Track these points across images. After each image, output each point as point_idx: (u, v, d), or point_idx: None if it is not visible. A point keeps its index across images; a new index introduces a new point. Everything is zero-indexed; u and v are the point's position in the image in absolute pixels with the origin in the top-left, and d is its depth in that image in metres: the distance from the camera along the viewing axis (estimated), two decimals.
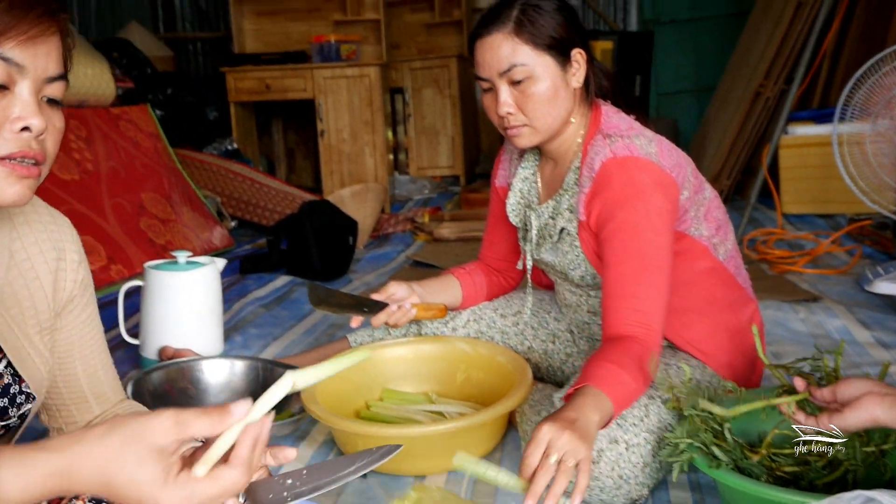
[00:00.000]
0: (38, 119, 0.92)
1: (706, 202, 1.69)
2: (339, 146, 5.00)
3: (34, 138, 0.93)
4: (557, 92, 1.61)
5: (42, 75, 0.93)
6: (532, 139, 1.65)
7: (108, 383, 1.22)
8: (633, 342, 1.48)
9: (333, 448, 1.78)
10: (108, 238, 2.93)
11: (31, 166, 0.93)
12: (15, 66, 0.90)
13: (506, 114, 1.62)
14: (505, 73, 1.60)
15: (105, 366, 1.22)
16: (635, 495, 1.46)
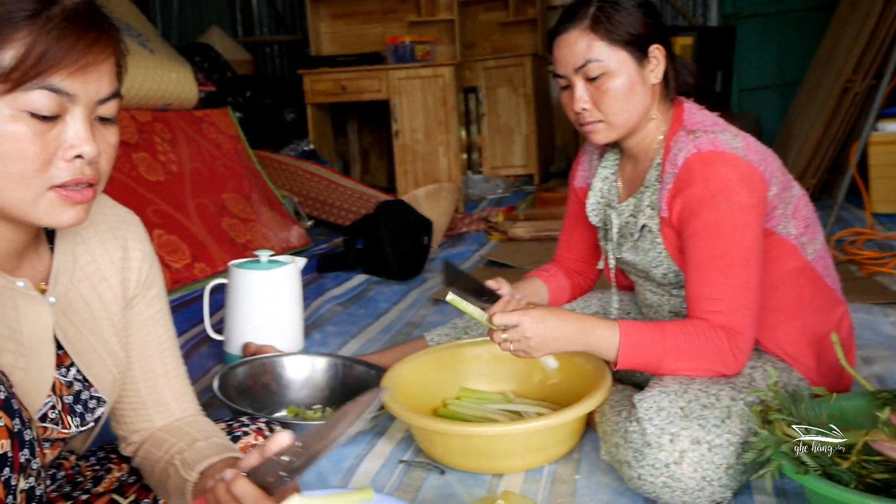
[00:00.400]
0: (91, 146, 0.92)
1: (794, 199, 1.65)
2: (413, 146, 5.03)
3: (87, 164, 0.93)
4: (633, 88, 1.60)
5: (94, 98, 0.93)
6: (608, 135, 1.65)
7: (170, 392, 1.19)
8: (710, 327, 1.51)
9: (412, 445, 1.80)
10: (192, 237, 3.01)
11: (84, 190, 0.94)
12: (66, 95, 0.90)
13: (581, 110, 1.62)
14: (580, 68, 1.60)
15: (167, 373, 1.20)
16: (718, 497, 1.44)
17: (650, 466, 1.43)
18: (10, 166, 0.89)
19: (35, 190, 0.91)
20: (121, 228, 1.15)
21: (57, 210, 0.93)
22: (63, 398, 1.07)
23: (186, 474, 1.06)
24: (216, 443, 1.13)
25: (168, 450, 1.13)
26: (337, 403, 1.95)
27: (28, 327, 1.00)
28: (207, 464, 1.06)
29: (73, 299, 1.08)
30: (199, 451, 1.10)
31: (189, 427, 1.17)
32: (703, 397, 1.46)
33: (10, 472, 0.82)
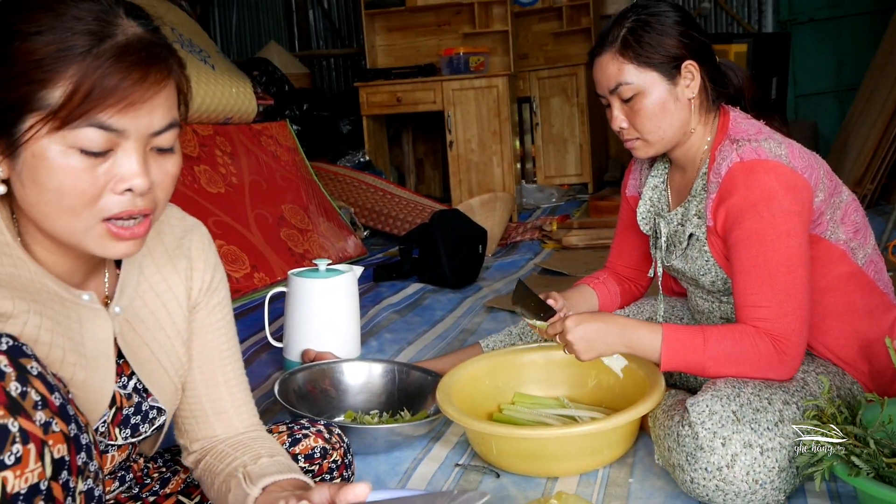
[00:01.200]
0: (142, 179, 0.92)
1: (843, 205, 1.65)
2: (468, 156, 5.07)
3: (139, 196, 0.93)
4: (665, 106, 1.64)
5: (145, 133, 0.92)
6: (647, 151, 1.70)
7: (230, 401, 1.20)
8: (757, 334, 1.53)
9: (467, 449, 1.83)
10: (251, 247, 3.10)
11: (137, 225, 0.95)
12: (115, 132, 0.90)
13: (619, 129, 1.69)
14: (613, 91, 1.66)
15: (228, 381, 1.20)
16: (771, 500, 1.44)
17: (702, 470, 1.44)
18: (62, 200, 0.90)
19: (86, 222, 0.92)
20: (186, 238, 1.17)
21: (107, 243, 0.94)
22: (122, 410, 1.10)
23: (248, 489, 1.05)
24: (281, 462, 1.12)
25: (230, 463, 1.14)
26: (394, 409, 1.99)
27: (90, 340, 1.03)
28: (271, 480, 1.05)
29: (139, 309, 1.11)
30: (263, 467, 1.09)
31: (253, 443, 1.18)
32: (756, 401, 1.47)
33: (69, 475, 0.85)
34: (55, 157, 0.89)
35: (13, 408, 0.81)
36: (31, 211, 0.93)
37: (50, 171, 0.89)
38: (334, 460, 1.39)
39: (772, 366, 1.53)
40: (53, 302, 0.98)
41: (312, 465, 1.37)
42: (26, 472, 0.81)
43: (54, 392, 0.86)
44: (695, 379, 1.91)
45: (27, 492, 0.81)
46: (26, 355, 0.85)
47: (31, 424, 0.82)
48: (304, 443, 1.37)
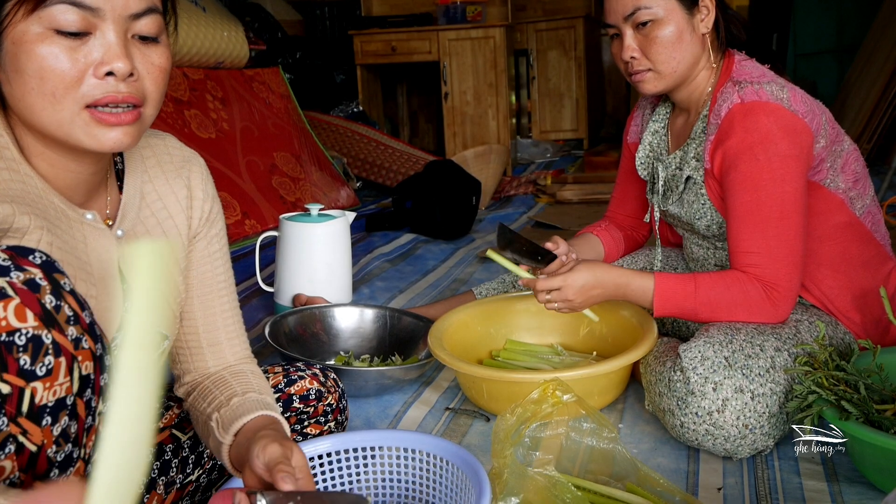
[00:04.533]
0: (123, 62, 0.90)
1: (843, 154, 1.63)
2: (463, 108, 5.02)
3: (122, 81, 0.91)
4: (682, 36, 1.60)
5: (122, 13, 0.90)
6: (657, 84, 1.65)
7: (224, 331, 1.20)
8: (748, 279, 1.53)
9: (458, 393, 1.83)
10: (242, 194, 3.07)
11: (124, 113, 0.92)
12: (89, 10, 0.88)
13: (630, 58, 1.63)
14: (629, 16, 1.60)
15: (224, 311, 1.20)
16: (760, 446, 1.45)
17: (693, 414, 1.44)
18: (42, 85, 0.89)
19: (69, 109, 0.90)
20: (185, 168, 1.16)
21: (94, 131, 0.92)
22: None
23: (221, 437, 1.06)
24: (252, 399, 1.12)
25: (211, 402, 1.13)
26: (385, 354, 1.99)
27: (96, 260, 1.02)
28: (240, 425, 1.06)
29: (140, 234, 1.10)
30: (234, 409, 1.10)
31: (233, 378, 1.17)
32: (748, 347, 1.46)
33: (92, 394, 0.85)
34: (33, 41, 0.88)
35: (48, 320, 0.80)
36: (19, 106, 0.92)
37: (29, 56, 0.88)
38: (329, 404, 1.39)
39: (763, 311, 1.53)
40: (60, 219, 0.97)
41: (308, 406, 1.36)
42: (55, 384, 0.80)
43: (85, 309, 0.85)
44: (686, 328, 1.90)
45: (54, 405, 0.80)
46: (59, 270, 0.84)
47: (64, 338, 0.81)
48: (299, 384, 1.37)
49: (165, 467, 1.23)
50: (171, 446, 1.25)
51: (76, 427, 0.83)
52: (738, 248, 1.55)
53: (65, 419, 0.81)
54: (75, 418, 0.82)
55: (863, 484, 1.39)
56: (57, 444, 0.82)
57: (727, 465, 1.48)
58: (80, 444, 0.84)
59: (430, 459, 1.29)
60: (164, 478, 1.22)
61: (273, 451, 0.93)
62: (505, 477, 1.21)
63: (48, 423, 0.80)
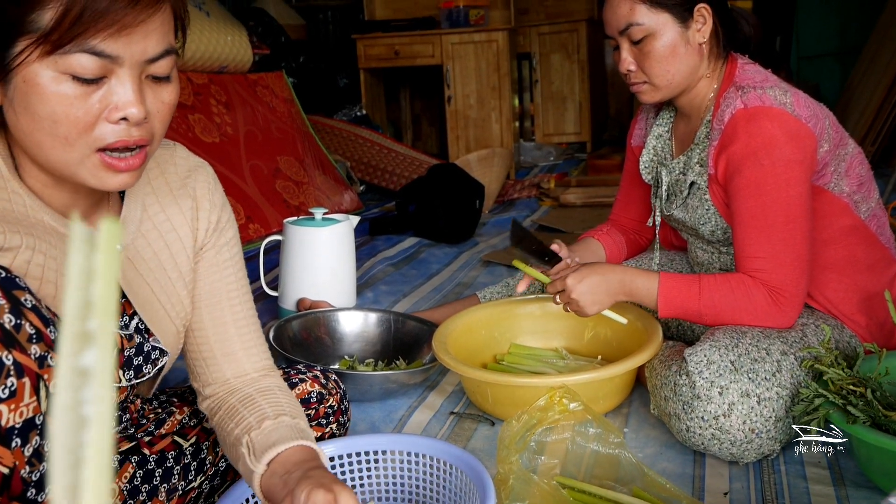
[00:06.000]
0: (137, 108, 0.88)
1: (848, 157, 1.63)
2: (466, 112, 5.02)
3: (135, 126, 0.90)
4: (676, 49, 1.60)
5: (140, 59, 0.89)
6: (654, 96, 1.66)
7: (239, 342, 1.17)
8: (754, 284, 1.53)
9: (462, 398, 1.82)
10: (246, 198, 3.07)
11: (132, 157, 0.91)
12: (108, 58, 0.86)
13: (626, 71, 1.65)
14: (623, 31, 1.62)
15: (237, 321, 1.17)
16: (766, 450, 1.44)
17: (699, 419, 1.44)
18: (55, 128, 0.88)
19: (80, 152, 0.89)
20: (191, 178, 1.14)
21: (102, 174, 0.91)
22: (124, 351, 1.08)
23: (253, 465, 1.02)
24: (285, 424, 1.08)
25: (239, 423, 1.10)
26: (389, 358, 1.98)
27: None
28: (274, 454, 1.02)
29: (141, 248, 1.09)
30: (266, 434, 1.06)
31: (261, 397, 1.13)
32: (754, 351, 1.46)
33: None
34: (47, 84, 0.86)
35: (7, 340, 0.79)
36: (25, 140, 0.91)
37: (42, 98, 0.87)
38: (330, 406, 1.39)
39: (769, 315, 1.52)
40: (49, 236, 0.96)
41: (309, 410, 1.36)
42: (21, 405, 0.79)
43: (49, 326, 0.84)
44: (692, 332, 1.90)
45: (22, 426, 0.79)
46: (19, 287, 0.83)
47: (26, 358, 0.80)
48: (300, 387, 1.36)
49: (167, 474, 1.22)
50: (173, 453, 1.24)
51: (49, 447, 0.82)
52: (743, 253, 1.55)
53: (35, 439, 0.81)
54: (47, 437, 0.82)
55: (869, 488, 1.39)
56: (30, 464, 0.81)
57: (733, 470, 1.48)
58: None
59: (435, 464, 1.29)
60: (166, 485, 1.22)
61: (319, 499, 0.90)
62: (510, 483, 1.21)
63: (17, 444, 0.79)
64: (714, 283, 1.55)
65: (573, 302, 1.64)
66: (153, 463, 1.21)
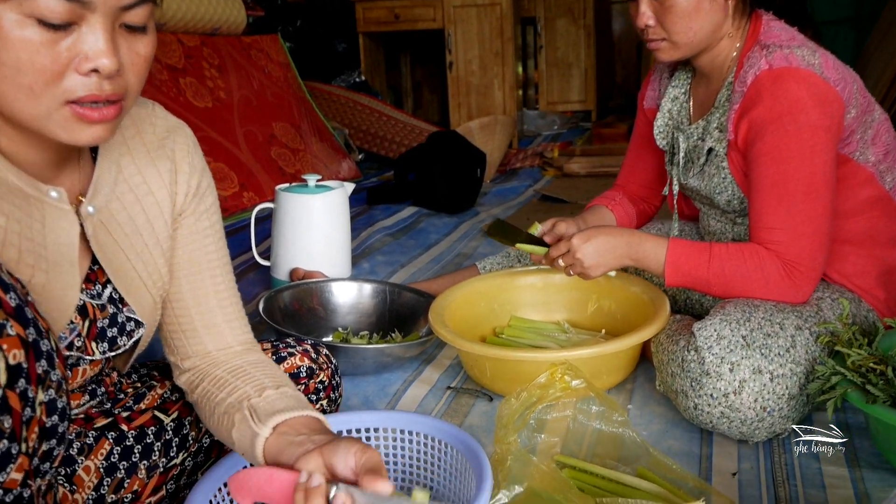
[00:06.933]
0: (110, 59, 0.81)
1: (875, 124, 1.54)
2: (468, 78, 4.91)
3: (106, 79, 0.83)
4: (700, 5, 1.50)
5: (114, 5, 0.82)
6: (672, 54, 1.56)
7: (221, 314, 1.11)
8: (767, 254, 1.45)
9: (460, 372, 1.76)
10: (240, 165, 2.98)
11: (106, 108, 0.84)
12: (77, 1, 0.79)
13: (644, 26, 1.54)
14: None
15: (218, 292, 1.11)
16: (778, 429, 1.38)
17: (707, 396, 1.37)
18: (19, 77, 0.80)
19: (47, 104, 0.82)
20: (169, 139, 1.07)
21: (73, 127, 0.84)
22: (96, 322, 1.02)
23: (258, 427, 0.95)
24: (289, 395, 1.02)
25: (231, 392, 1.03)
26: (385, 330, 1.91)
27: (53, 242, 0.93)
28: (282, 419, 0.95)
29: (116, 212, 1.02)
30: (270, 401, 0.99)
31: (255, 370, 1.07)
32: (767, 326, 1.38)
33: (27, 384, 0.76)
34: (10, 28, 0.78)
35: None
36: None
37: (4, 44, 0.79)
38: (321, 381, 1.32)
39: (781, 289, 1.45)
40: (14, 197, 0.89)
41: (298, 384, 1.29)
42: None
43: (9, 292, 0.77)
44: (701, 305, 1.82)
45: None
46: None
47: None
48: (289, 361, 1.30)
49: (147, 451, 1.16)
50: (154, 429, 1.17)
51: (10, 421, 0.75)
52: (759, 223, 1.46)
53: None
54: (7, 412, 0.74)
55: (886, 470, 1.33)
56: None
57: (742, 449, 1.41)
58: (17, 438, 0.76)
59: (429, 442, 1.23)
60: (145, 462, 1.15)
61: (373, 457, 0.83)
62: (508, 464, 1.14)
63: None
64: (725, 252, 1.48)
65: (577, 263, 1.57)
66: (132, 439, 1.15)
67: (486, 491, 1.03)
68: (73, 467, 1.08)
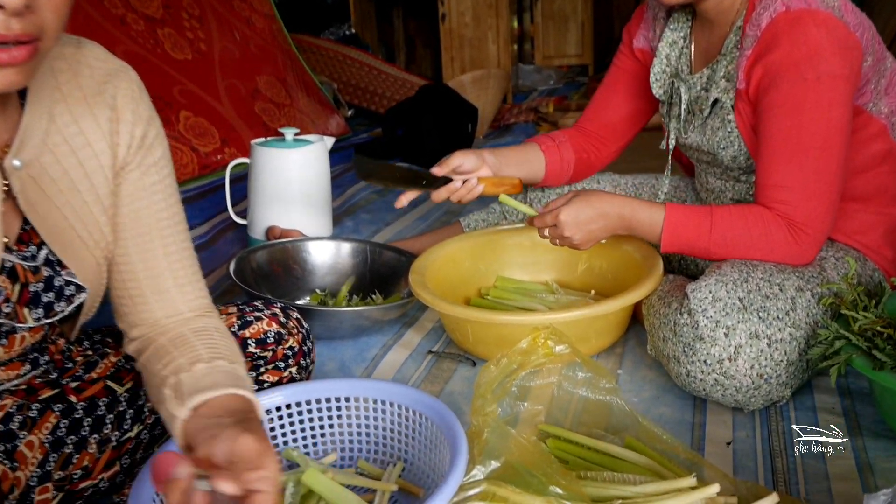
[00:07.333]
0: None
1: (888, 73, 1.43)
2: (461, 31, 4.77)
3: (13, 17, 0.73)
4: None
5: None
6: None
7: (172, 278, 1.02)
8: (772, 216, 1.35)
9: (442, 336, 1.68)
10: (221, 120, 2.87)
11: (15, 49, 0.75)
12: None
13: None
14: None
15: (169, 254, 1.02)
16: (776, 396, 1.30)
17: (701, 362, 1.29)
18: None
19: None
20: (110, 84, 0.97)
21: None
22: (28, 286, 0.93)
23: (176, 409, 0.87)
24: (220, 369, 0.94)
25: (168, 364, 0.95)
26: (365, 291, 1.83)
27: None
28: (201, 400, 0.87)
29: (48, 166, 0.93)
30: (197, 378, 0.91)
31: (197, 338, 0.99)
32: (766, 287, 1.30)
33: None
34: None
35: None
36: None
37: None
38: (290, 347, 1.24)
39: (786, 254, 1.35)
40: None
41: (265, 351, 1.21)
42: None
43: None
44: (696, 265, 1.73)
45: None
46: None
47: None
48: (255, 326, 1.21)
49: (98, 424, 1.08)
50: (106, 400, 1.09)
51: None
52: (768, 180, 1.35)
53: None
54: None
55: (889, 438, 1.26)
56: None
57: (737, 417, 1.34)
58: None
59: (403, 412, 1.16)
60: (96, 435, 1.07)
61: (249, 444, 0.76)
62: (485, 437, 1.06)
63: None
64: (728, 219, 1.37)
65: (566, 240, 1.47)
66: (81, 411, 1.07)
67: (458, 468, 0.96)
68: (13, 443, 1.01)
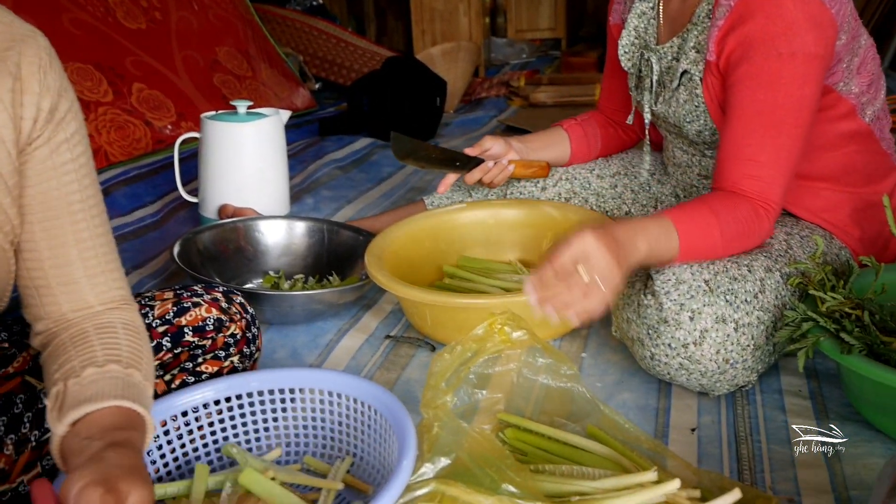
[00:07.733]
0: None
1: (861, 51, 1.37)
2: (432, 3, 4.67)
3: None
4: None
5: None
6: None
7: (82, 269, 0.94)
8: (743, 199, 1.26)
9: (401, 319, 1.61)
10: (178, 93, 2.77)
11: None
12: None
13: None
14: None
15: (79, 242, 0.93)
16: (741, 381, 1.25)
17: (665, 346, 1.23)
18: None
19: None
20: (13, 51, 0.88)
21: None
22: None
23: (53, 424, 0.81)
24: (110, 375, 0.86)
25: (62, 365, 0.88)
26: (321, 273, 1.75)
27: None
28: (81, 413, 0.81)
29: None
30: (83, 386, 0.84)
31: (97, 335, 0.91)
32: (734, 269, 1.24)
33: None
34: None
35: None
36: None
37: None
38: (232, 334, 1.16)
39: (760, 233, 1.28)
40: None
41: (204, 339, 1.14)
42: None
43: None
44: None
45: None
46: None
47: None
48: (193, 312, 1.14)
49: (15, 422, 1.00)
50: (23, 396, 1.02)
51: None
52: (739, 153, 1.27)
53: None
54: None
55: (857, 422, 1.22)
56: None
57: (703, 402, 1.30)
58: None
59: (351, 404, 1.10)
60: (13, 436, 0.99)
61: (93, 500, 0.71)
62: (435, 431, 1.00)
63: None
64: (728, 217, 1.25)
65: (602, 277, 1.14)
66: None
67: (404, 469, 0.90)
68: None
